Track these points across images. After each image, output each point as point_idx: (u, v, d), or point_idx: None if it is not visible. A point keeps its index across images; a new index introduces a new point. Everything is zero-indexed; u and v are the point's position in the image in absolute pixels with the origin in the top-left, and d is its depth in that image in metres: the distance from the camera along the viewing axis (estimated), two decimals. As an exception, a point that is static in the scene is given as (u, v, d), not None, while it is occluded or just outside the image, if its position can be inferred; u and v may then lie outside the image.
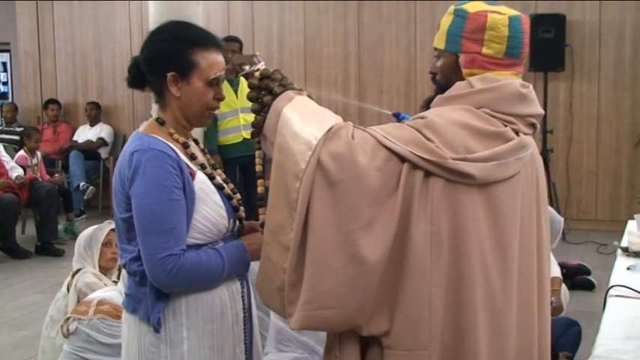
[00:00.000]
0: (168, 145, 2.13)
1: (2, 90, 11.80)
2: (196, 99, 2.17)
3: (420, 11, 8.43)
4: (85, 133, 9.64)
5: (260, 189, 2.22)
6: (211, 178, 2.21)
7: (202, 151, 2.34)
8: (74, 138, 9.68)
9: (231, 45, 6.61)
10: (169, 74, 2.14)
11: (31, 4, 10.24)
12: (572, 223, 7.79)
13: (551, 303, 4.07)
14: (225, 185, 2.26)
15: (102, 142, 9.47)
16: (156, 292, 2.10)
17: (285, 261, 1.92)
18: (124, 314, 2.24)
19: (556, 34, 7.72)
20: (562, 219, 4.47)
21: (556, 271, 4.68)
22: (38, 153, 8.21)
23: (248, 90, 2.16)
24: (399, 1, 8.61)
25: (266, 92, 2.08)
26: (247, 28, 9.23)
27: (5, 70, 11.65)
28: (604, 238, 7.18)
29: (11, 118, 9.92)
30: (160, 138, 2.14)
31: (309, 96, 2.08)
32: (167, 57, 2.14)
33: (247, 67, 2.15)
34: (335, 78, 9.00)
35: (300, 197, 1.87)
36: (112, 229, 4.02)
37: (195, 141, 2.34)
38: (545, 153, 7.73)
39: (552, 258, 4.63)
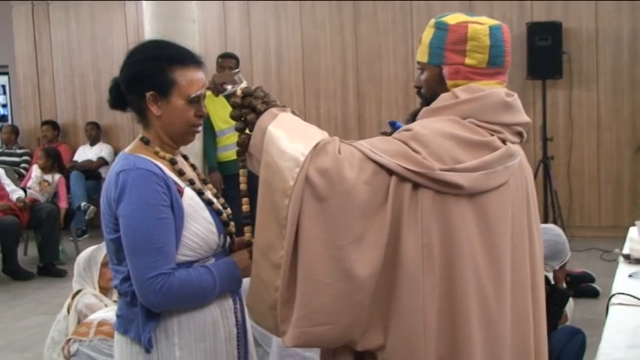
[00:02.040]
0: (154, 164, 2.11)
1: (2, 112, 11.82)
2: (177, 117, 2.15)
3: (416, 23, 8.44)
4: (85, 153, 9.66)
5: (245, 207, 2.20)
6: (200, 193, 2.20)
7: (192, 166, 2.33)
8: (74, 158, 9.71)
9: (227, 61, 6.62)
10: (148, 93, 2.13)
11: (28, 27, 10.28)
12: (575, 231, 7.77)
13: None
14: (214, 200, 2.25)
15: (102, 161, 9.48)
16: (146, 312, 2.09)
17: (276, 279, 1.90)
18: (116, 336, 2.23)
19: (553, 41, 7.72)
20: (566, 241, 4.43)
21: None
22: (56, 175, 8.19)
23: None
24: (396, 13, 8.64)
25: (249, 110, 2.07)
26: (245, 44, 9.25)
27: (4, 93, 11.67)
28: (608, 244, 7.14)
29: (10, 140, 9.93)
30: (146, 157, 2.13)
31: (293, 112, 2.07)
32: (145, 76, 2.13)
33: (229, 87, 2.13)
34: (334, 91, 9.00)
35: (290, 214, 1.85)
36: None
37: (185, 157, 2.33)
38: (545, 160, 7.72)
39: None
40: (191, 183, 2.20)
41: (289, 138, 1.92)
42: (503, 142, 1.96)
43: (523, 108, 2.06)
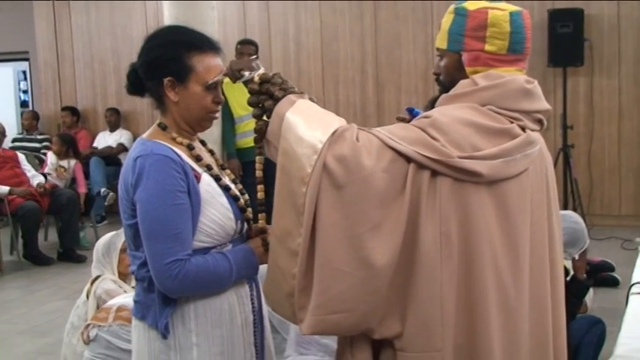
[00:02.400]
0: (171, 149, 2.11)
1: (23, 98, 11.91)
2: (195, 103, 2.15)
3: (436, 9, 8.39)
4: (105, 139, 9.70)
5: (260, 194, 2.19)
6: (217, 179, 2.20)
7: (210, 151, 2.33)
8: (94, 144, 9.76)
9: (246, 48, 6.61)
10: (166, 79, 2.13)
11: (49, 13, 10.32)
12: (595, 219, 7.72)
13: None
14: (232, 186, 2.25)
15: (122, 147, 9.52)
16: (163, 297, 2.10)
17: (293, 266, 1.90)
18: (134, 321, 2.24)
19: (574, 28, 7.64)
20: (585, 228, 4.39)
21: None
22: (72, 161, 8.26)
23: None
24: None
25: (267, 97, 2.05)
26: (264, 31, 9.23)
27: (25, 79, 11.75)
28: (628, 233, 7.11)
29: (31, 126, 10.00)
30: (164, 143, 2.13)
31: (311, 99, 2.06)
32: (163, 62, 2.13)
33: (246, 73, 2.12)
34: (352, 79, 8.98)
35: (307, 202, 1.85)
36: None
37: (203, 142, 2.33)
38: (566, 149, 7.66)
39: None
40: (208, 168, 2.19)
41: (307, 125, 1.91)
42: (523, 129, 1.94)
43: (544, 95, 2.04)
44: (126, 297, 3.66)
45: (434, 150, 1.82)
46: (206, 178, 2.16)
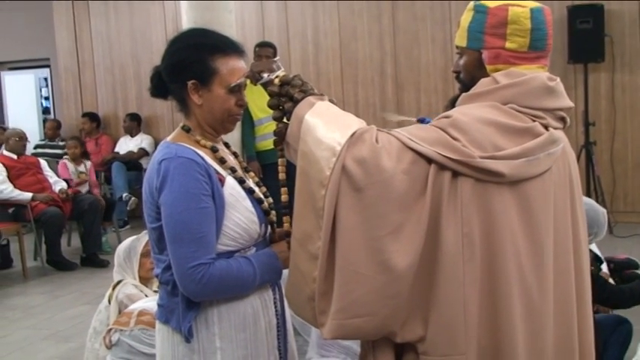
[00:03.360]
0: (195, 152, 2.11)
1: (45, 105, 12.00)
2: (218, 106, 2.15)
3: (455, 7, 8.36)
4: (127, 144, 9.76)
5: (284, 197, 2.18)
6: (241, 182, 2.19)
7: (234, 154, 2.32)
8: (116, 149, 9.82)
9: (265, 50, 6.61)
10: (190, 82, 2.13)
11: (69, 19, 10.40)
12: (619, 216, 7.65)
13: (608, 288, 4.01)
14: (256, 189, 2.24)
15: (143, 152, 9.57)
16: (187, 301, 2.09)
17: (314, 270, 1.88)
18: (157, 325, 2.23)
19: (594, 24, 7.58)
20: (604, 210, 4.35)
21: (602, 267, 4.57)
22: (87, 162, 8.36)
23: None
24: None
25: (286, 99, 2.04)
26: (282, 33, 9.24)
27: (47, 86, 11.84)
28: (653, 230, 7.04)
29: (54, 135, 10.08)
30: (188, 145, 2.13)
31: (331, 100, 2.04)
32: (187, 65, 2.13)
33: (266, 75, 2.11)
34: (372, 79, 8.96)
35: (327, 205, 1.82)
36: None
37: (226, 144, 2.32)
38: (588, 146, 7.61)
39: (597, 249, 4.55)
40: (232, 171, 2.18)
41: (326, 127, 1.89)
42: (546, 127, 1.91)
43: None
44: (147, 301, 3.67)
45: (455, 150, 1.80)
46: (230, 182, 2.15)
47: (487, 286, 1.83)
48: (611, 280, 4.66)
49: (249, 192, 2.20)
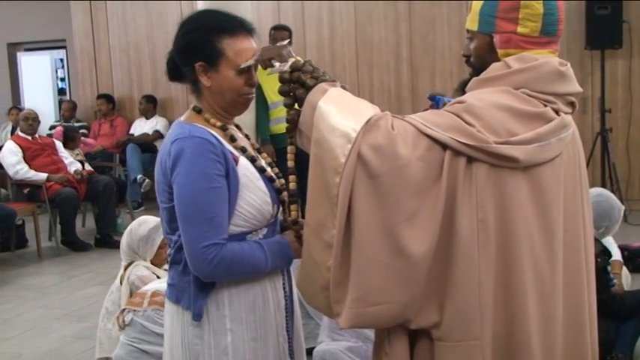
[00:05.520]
0: (210, 133, 2.10)
1: (60, 86, 12.05)
2: (227, 87, 2.14)
3: (471, -8, 8.29)
4: (142, 126, 9.78)
5: (292, 185, 2.16)
6: (253, 160, 2.18)
7: (246, 136, 2.31)
8: (131, 131, 9.85)
9: (280, 34, 6.59)
10: (197, 64, 2.12)
11: (85, 1, 10.40)
12: (633, 204, 7.61)
13: (613, 286, 3.99)
14: (267, 168, 2.23)
15: (158, 134, 9.58)
16: (199, 282, 2.09)
17: (328, 259, 1.86)
18: (167, 304, 2.23)
19: (612, 10, 7.50)
20: (622, 207, 4.32)
21: (617, 254, 4.56)
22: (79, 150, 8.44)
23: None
24: (450, -17, 8.51)
25: (298, 85, 2.02)
26: (298, 16, 9.21)
27: (62, 67, 11.88)
28: (667, 219, 7.00)
29: (69, 116, 10.13)
30: (201, 126, 2.12)
31: (343, 86, 2.02)
32: (194, 47, 2.12)
33: (277, 64, 2.08)
34: (387, 63, 8.92)
35: (342, 192, 1.81)
36: None
37: (238, 127, 2.31)
38: (604, 133, 7.56)
39: (612, 240, 4.53)
40: (243, 150, 2.18)
41: (340, 114, 1.88)
42: (557, 112, 1.90)
43: (581, 79, 2.00)
44: (161, 282, 3.69)
45: (470, 136, 1.79)
46: (244, 162, 2.14)
47: (501, 271, 1.84)
48: (625, 268, 4.65)
49: (261, 171, 2.19)
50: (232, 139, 2.17)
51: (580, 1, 7.59)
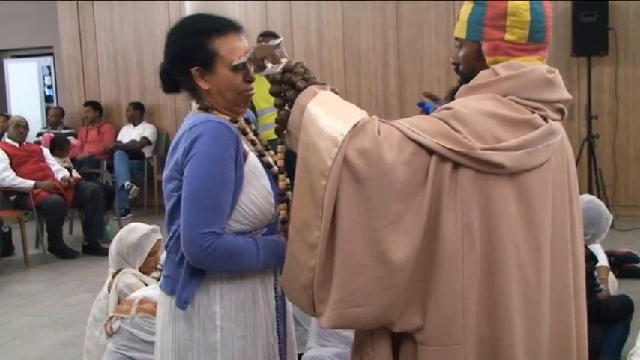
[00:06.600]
0: (227, 121, 2.14)
1: (48, 93, 12.01)
2: (226, 86, 2.16)
3: (458, 0, 8.34)
4: (129, 133, 9.76)
5: (281, 184, 2.19)
6: (261, 155, 2.20)
7: (254, 131, 2.32)
8: (118, 138, 9.83)
9: (268, 40, 6.59)
10: (193, 69, 2.14)
11: (73, 8, 10.40)
12: (619, 210, 7.65)
13: (599, 291, 4.02)
14: (273, 164, 2.25)
15: (145, 141, 9.58)
16: (191, 270, 2.11)
17: (310, 259, 1.88)
18: (161, 297, 2.24)
19: (598, 17, 7.56)
20: (610, 217, 4.35)
21: (603, 260, 4.59)
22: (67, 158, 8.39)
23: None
24: (438, -10, 8.55)
25: (288, 86, 2.04)
26: (286, 24, 9.23)
27: (50, 74, 11.85)
28: (653, 225, 7.04)
29: (56, 123, 10.10)
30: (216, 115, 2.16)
31: (333, 89, 2.04)
32: (187, 53, 2.14)
33: (269, 65, 2.11)
34: (375, 71, 8.95)
35: (327, 195, 1.83)
36: (159, 239, 4.04)
37: (247, 121, 2.32)
38: (590, 139, 7.60)
39: (599, 246, 4.56)
40: (252, 144, 2.20)
41: (328, 117, 1.89)
42: (545, 119, 1.92)
43: (568, 85, 2.01)
44: (148, 289, 3.69)
45: (456, 142, 1.80)
46: (252, 158, 2.17)
47: (486, 277, 1.84)
48: (611, 274, 4.68)
49: (267, 167, 2.21)
50: (244, 133, 2.19)
51: (566, 8, 7.66)
